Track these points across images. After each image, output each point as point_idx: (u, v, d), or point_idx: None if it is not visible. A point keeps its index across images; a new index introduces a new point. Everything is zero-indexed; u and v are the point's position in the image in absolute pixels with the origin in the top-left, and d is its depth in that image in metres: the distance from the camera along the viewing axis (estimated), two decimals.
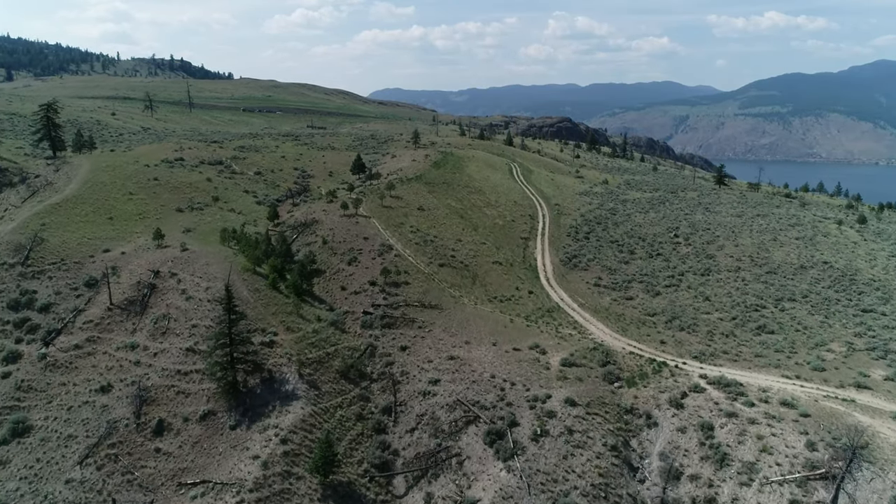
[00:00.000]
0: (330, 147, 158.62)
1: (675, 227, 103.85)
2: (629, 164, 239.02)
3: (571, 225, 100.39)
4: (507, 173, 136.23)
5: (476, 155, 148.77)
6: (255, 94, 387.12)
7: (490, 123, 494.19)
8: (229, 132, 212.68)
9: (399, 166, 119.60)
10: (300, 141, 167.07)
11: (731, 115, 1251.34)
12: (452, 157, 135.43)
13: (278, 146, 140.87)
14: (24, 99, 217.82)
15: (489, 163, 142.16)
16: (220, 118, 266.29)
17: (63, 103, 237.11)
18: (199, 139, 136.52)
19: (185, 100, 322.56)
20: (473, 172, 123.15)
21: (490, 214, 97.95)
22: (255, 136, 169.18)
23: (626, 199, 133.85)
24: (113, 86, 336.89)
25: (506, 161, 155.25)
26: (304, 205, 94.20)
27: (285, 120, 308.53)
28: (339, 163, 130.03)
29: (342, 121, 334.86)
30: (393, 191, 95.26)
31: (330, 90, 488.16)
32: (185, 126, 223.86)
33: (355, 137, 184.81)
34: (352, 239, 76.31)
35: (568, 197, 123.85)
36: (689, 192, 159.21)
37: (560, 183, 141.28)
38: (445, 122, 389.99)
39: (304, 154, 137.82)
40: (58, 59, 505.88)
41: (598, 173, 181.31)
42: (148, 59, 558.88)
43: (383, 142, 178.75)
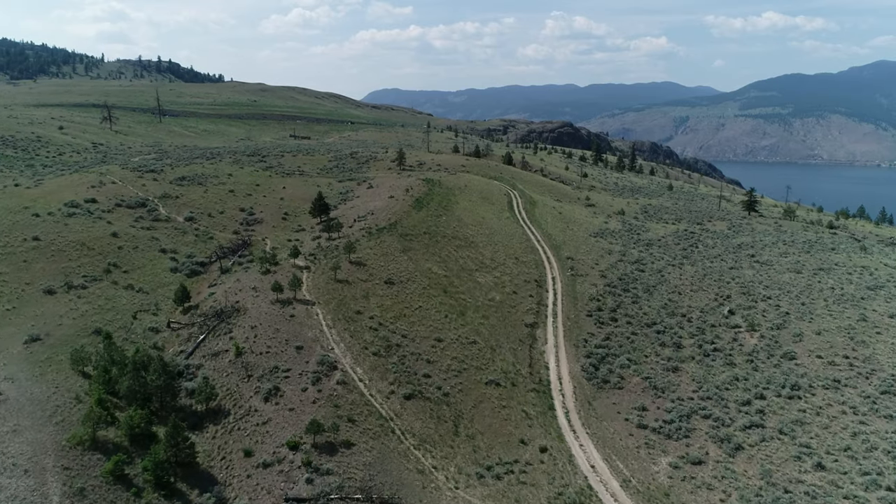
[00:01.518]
0: (298, 172, 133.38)
1: (724, 294, 78.76)
2: (640, 180, 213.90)
3: (591, 295, 75.27)
4: (506, 208, 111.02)
5: (469, 183, 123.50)
6: (240, 100, 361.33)
7: (488, 128, 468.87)
8: (195, 147, 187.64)
9: (371, 206, 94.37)
10: (266, 163, 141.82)
11: (732, 117, 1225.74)
12: (440, 189, 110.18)
13: (231, 175, 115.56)
14: None
15: (485, 194, 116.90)
16: (194, 128, 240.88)
17: (15, 113, 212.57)
18: (133, 167, 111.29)
19: (162, 106, 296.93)
20: (464, 212, 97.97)
21: (484, 283, 72.79)
22: (213, 157, 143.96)
23: (649, 239, 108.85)
24: (86, 90, 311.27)
25: (505, 188, 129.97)
26: (232, 275, 68.99)
27: (267, 128, 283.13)
28: (302, 198, 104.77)
29: (330, 128, 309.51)
30: (353, 253, 70.01)
31: (321, 94, 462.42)
32: (148, 139, 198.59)
33: (334, 156, 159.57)
34: (279, 347, 51.30)
35: (581, 243, 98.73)
36: (718, 221, 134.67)
37: (569, 217, 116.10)
38: (440, 129, 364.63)
39: (261, 185, 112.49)
40: (38, 61, 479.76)
41: (610, 197, 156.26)
42: (134, 61, 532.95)
43: (364, 161, 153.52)
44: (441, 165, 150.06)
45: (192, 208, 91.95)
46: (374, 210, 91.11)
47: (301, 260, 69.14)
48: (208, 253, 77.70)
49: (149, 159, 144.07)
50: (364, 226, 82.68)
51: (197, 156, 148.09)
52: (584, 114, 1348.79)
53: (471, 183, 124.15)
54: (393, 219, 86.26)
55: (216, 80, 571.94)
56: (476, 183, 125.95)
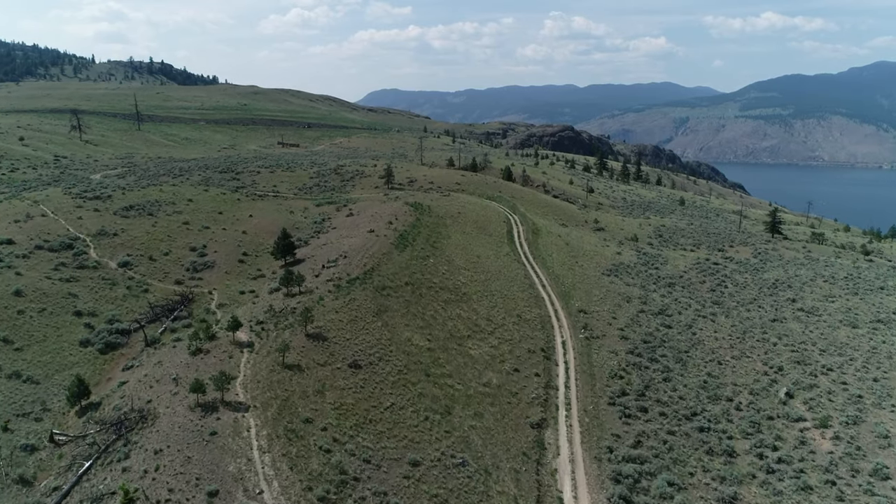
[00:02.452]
0: (272, 193, 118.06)
1: (773, 364, 63.53)
2: (648, 193, 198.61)
3: (612, 369, 59.84)
4: (506, 240, 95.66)
5: (464, 207, 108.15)
6: (229, 104, 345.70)
7: (487, 132, 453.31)
8: (171, 159, 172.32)
9: (347, 245, 78.83)
10: (238, 181, 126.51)
11: (732, 118, 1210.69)
12: (429, 217, 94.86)
13: (191, 200, 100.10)
14: None
15: (481, 222, 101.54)
16: (175, 136, 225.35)
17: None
18: (77, 193, 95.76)
19: (146, 111, 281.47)
20: (457, 250, 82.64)
21: (478, 357, 57.40)
22: (181, 173, 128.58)
23: (670, 276, 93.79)
24: (68, 94, 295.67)
25: (504, 212, 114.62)
26: (155, 354, 53.61)
27: (255, 135, 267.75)
28: (269, 230, 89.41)
29: (322, 134, 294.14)
30: (312, 323, 54.58)
31: (315, 96, 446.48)
32: (120, 150, 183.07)
33: (317, 171, 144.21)
34: (185, 492, 35.83)
35: (594, 285, 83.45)
36: (741, 247, 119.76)
37: (578, 248, 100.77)
38: (437, 134, 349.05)
39: (225, 212, 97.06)
40: (26, 62, 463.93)
41: (620, 217, 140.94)
42: (125, 63, 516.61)
43: (349, 178, 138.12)
44: (433, 183, 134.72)
45: (131, 249, 76.50)
46: (348, 251, 75.65)
47: (245, 332, 53.75)
48: (140, 311, 62.34)
49: (111, 176, 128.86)
50: (334, 275, 67.28)
51: (164, 172, 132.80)
52: (583, 114, 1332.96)
53: (466, 207, 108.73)
54: (369, 264, 70.81)
55: (209, 81, 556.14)
56: (471, 207, 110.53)
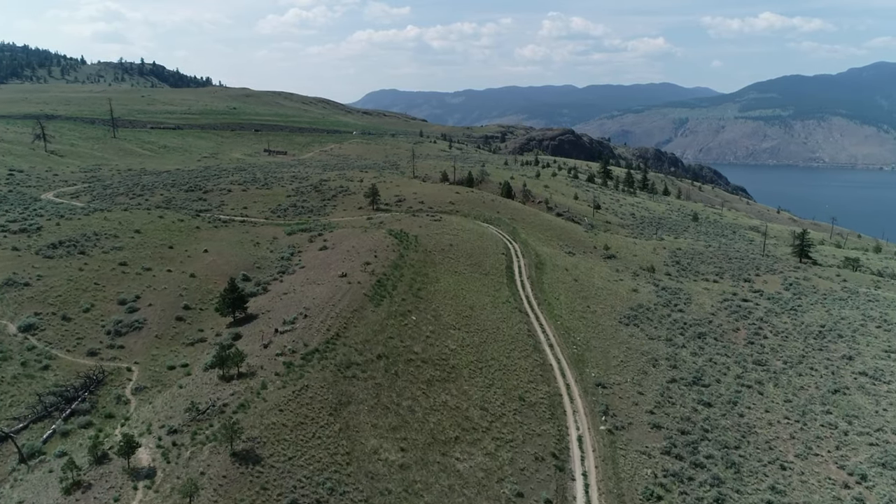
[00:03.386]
0: (240, 217, 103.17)
1: (854, 471, 48.83)
2: (657, 206, 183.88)
3: (647, 486, 45.01)
4: (505, 280, 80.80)
5: (457, 236, 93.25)
6: (218, 107, 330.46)
7: (485, 135, 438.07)
8: (143, 171, 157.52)
9: (311, 296, 63.76)
10: (204, 202, 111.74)
11: (732, 118, 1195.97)
12: (415, 253, 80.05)
13: (139, 231, 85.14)
14: None
15: (476, 255, 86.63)
16: (153, 144, 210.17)
17: None
18: (0, 225, 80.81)
19: (128, 115, 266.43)
20: (445, 300, 67.82)
21: (469, 476, 42.52)
22: (143, 191, 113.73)
23: (697, 322, 79.01)
24: (48, 98, 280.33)
25: (503, 240, 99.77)
26: (22, 482, 38.76)
27: (241, 140, 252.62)
28: (223, 271, 74.54)
29: (313, 140, 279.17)
30: (240, 436, 39.68)
31: (309, 99, 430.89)
32: (89, 161, 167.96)
33: (296, 188, 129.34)
34: None
35: (611, 340, 68.76)
36: (768, 276, 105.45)
37: (589, 286, 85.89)
38: (433, 139, 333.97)
39: (176, 246, 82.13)
40: (12, 64, 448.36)
41: (631, 239, 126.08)
42: (115, 64, 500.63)
43: (330, 197, 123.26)
44: (424, 203, 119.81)
45: (43, 304, 61.53)
46: (311, 306, 60.68)
47: (147, 450, 38.83)
48: (28, 404, 47.42)
49: (65, 195, 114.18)
50: (287, 345, 52.33)
51: (124, 191, 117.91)
52: (582, 115, 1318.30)
53: (459, 235, 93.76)
54: (335, 327, 55.94)
55: (203, 83, 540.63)
56: (466, 234, 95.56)
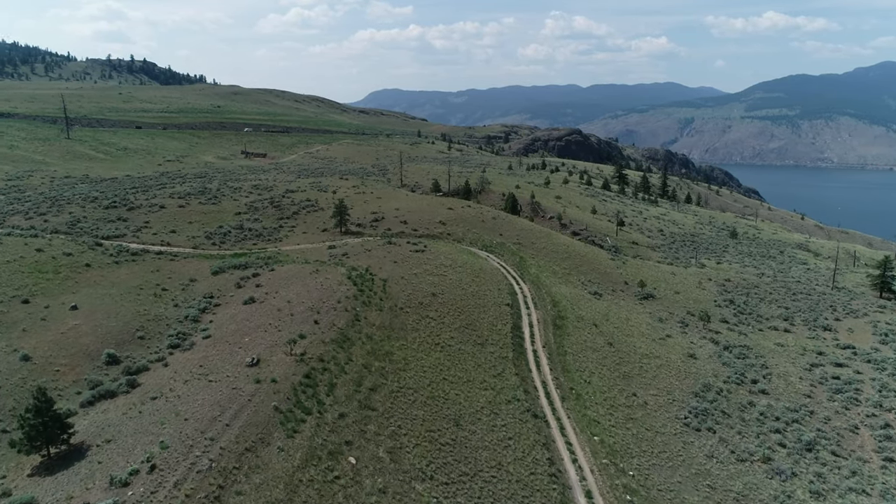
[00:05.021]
0: (161, 245, 76.80)
1: None
2: (686, 218, 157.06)
3: None
4: (510, 351, 54.41)
5: (444, 278, 66.80)
6: (201, 105, 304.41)
7: (488, 136, 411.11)
8: (85, 176, 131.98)
9: (178, 420, 37.38)
10: (125, 222, 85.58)
11: (738, 118, 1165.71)
12: (378, 313, 53.80)
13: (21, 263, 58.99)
14: None
15: (469, 310, 60.10)
16: (113, 145, 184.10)
17: None
18: None
19: (98, 113, 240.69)
20: (413, 405, 41.73)
21: None
22: (40, 214, 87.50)
23: (797, 422, 52.88)
24: (8, 96, 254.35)
25: (507, 278, 73.31)
26: None
27: (220, 141, 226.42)
28: (86, 344, 48.42)
29: (299, 140, 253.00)
30: None
31: (302, 97, 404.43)
32: (22, 166, 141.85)
33: (250, 202, 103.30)
34: None
35: (683, 478, 42.57)
36: (850, 319, 79.92)
37: (628, 352, 59.57)
38: (432, 140, 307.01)
39: (39, 294, 56.05)
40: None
41: (666, 266, 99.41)
42: (103, 61, 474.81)
43: (289, 216, 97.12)
44: (407, 223, 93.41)
45: None
46: (174, 438, 34.39)
47: None
48: None
49: None
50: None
51: (28, 208, 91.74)
52: (586, 115, 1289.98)
53: (446, 278, 67.24)
54: (197, 497, 29.57)
55: (195, 81, 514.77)
56: (456, 275, 69.01)
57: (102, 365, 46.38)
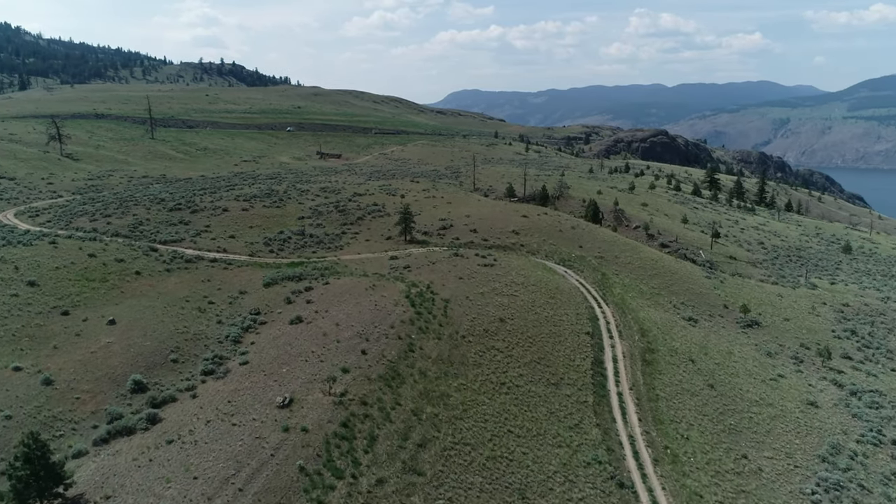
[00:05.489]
0: (216, 251, 72.74)
1: None
2: (789, 229, 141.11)
3: None
4: (590, 390, 45.79)
5: (515, 298, 58.71)
6: (282, 106, 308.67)
7: (567, 136, 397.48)
8: (162, 176, 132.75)
9: (186, 479, 31.36)
10: (185, 226, 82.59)
11: (839, 119, 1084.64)
12: (435, 340, 46.70)
13: (34, 283, 56.05)
14: None
15: (541, 339, 51.81)
16: (193, 145, 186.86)
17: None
18: None
19: (183, 114, 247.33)
20: (468, 468, 34.06)
21: None
22: (106, 216, 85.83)
23: None
24: (104, 98, 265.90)
25: (587, 299, 64.32)
26: None
27: (297, 141, 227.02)
28: (115, 366, 43.86)
29: (375, 141, 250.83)
30: None
31: (380, 97, 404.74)
32: (105, 166, 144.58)
33: (314, 206, 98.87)
34: None
35: None
36: None
37: (734, 401, 49.66)
38: (509, 141, 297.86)
39: (77, 308, 52.65)
40: (97, 65, 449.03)
41: (771, 286, 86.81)
42: (195, 64, 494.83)
43: (353, 221, 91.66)
44: (477, 232, 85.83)
45: None
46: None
47: None
48: None
49: (24, 215, 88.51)
50: None
51: (98, 209, 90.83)
52: (671, 116, 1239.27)
53: (517, 299, 59.08)
54: None
55: (280, 82, 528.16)
56: (528, 296, 60.72)
57: (127, 393, 41.45)
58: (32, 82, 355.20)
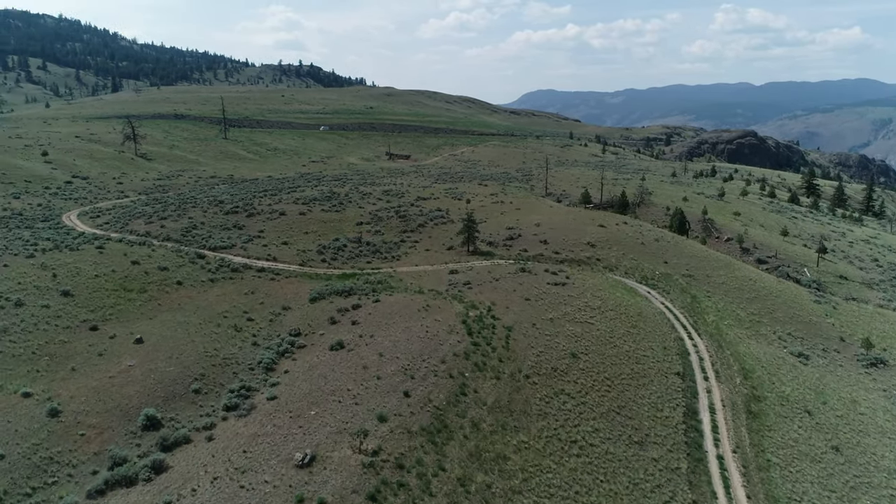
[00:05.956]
0: (265, 259, 67.88)
1: None
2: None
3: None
4: (682, 454, 37.00)
5: (587, 330, 50.30)
6: (355, 107, 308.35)
7: (647, 137, 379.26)
8: (230, 177, 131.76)
9: None
10: (240, 231, 78.70)
11: None
12: (492, 381, 39.34)
13: (68, 293, 52.47)
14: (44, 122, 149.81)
15: (620, 384, 43.28)
16: (264, 146, 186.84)
17: (30, 130, 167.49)
18: None
19: (258, 115, 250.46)
20: None
21: None
22: (162, 218, 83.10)
23: None
24: (185, 99, 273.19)
25: (675, 328, 54.99)
26: None
27: (367, 142, 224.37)
28: (129, 395, 38.93)
29: (446, 141, 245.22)
30: None
31: (453, 97, 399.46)
32: (176, 165, 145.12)
33: (377, 209, 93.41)
34: None
35: None
36: None
37: (868, 471, 39.31)
38: (584, 142, 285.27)
39: (106, 322, 48.62)
40: (183, 67, 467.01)
41: (889, 311, 73.70)
42: (275, 66, 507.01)
43: (416, 227, 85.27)
44: (548, 243, 77.48)
45: None
46: None
47: None
48: None
49: (87, 215, 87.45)
50: None
51: (157, 210, 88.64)
52: (758, 115, 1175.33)
53: (592, 329, 50.62)
54: None
55: (355, 83, 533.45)
56: (605, 324, 52.09)
57: (138, 430, 36.17)
58: (123, 84, 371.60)
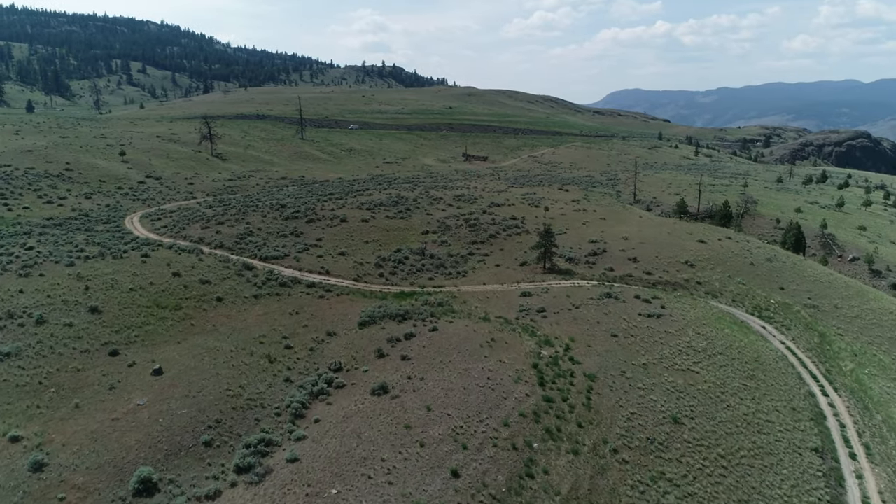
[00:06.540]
0: (314, 275, 61.24)
1: None
2: None
3: None
4: None
5: (692, 381, 39.94)
6: (434, 107, 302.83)
7: (743, 138, 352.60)
8: (300, 178, 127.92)
9: None
10: (297, 238, 72.82)
11: None
12: (568, 457, 30.11)
13: (96, 309, 47.41)
14: (125, 122, 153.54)
15: (739, 464, 32.71)
16: (340, 146, 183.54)
17: (115, 130, 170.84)
18: None
19: (337, 115, 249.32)
20: None
21: None
22: (220, 223, 78.46)
23: None
24: (267, 100, 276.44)
25: (803, 377, 43.48)
26: None
27: (445, 143, 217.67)
28: (129, 446, 32.62)
29: (526, 142, 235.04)
30: None
31: (535, 97, 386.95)
32: (249, 166, 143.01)
33: (447, 217, 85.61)
34: None
35: None
36: None
37: None
38: (674, 143, 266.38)
39: (129, 346, 43.02)
40: (272, 69, 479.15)
41: None
42: (358, 67, 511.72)
43: (487, 238, 76.79)
44: (639, 260, 66.69)
45: None
46: None
47: None
48: None
49: (151, 218, 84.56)
50: None
51: (218, 213, 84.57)
52: (867, 115, 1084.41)
53: (697, 379, 40.20)
54: None
55: (437, 83, 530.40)
56: (715, 371, 41.45)
57: (128, 495, 29.51)
58: (214, 86, 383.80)
